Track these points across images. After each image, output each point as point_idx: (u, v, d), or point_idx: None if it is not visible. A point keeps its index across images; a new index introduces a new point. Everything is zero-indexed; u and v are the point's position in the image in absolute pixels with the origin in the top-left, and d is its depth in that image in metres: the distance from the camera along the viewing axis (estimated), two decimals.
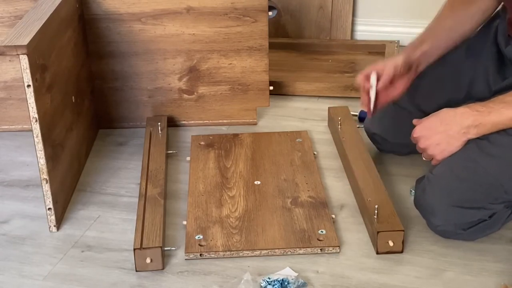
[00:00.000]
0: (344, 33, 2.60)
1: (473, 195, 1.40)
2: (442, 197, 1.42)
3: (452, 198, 1.41)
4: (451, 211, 1.41)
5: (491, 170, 1.38)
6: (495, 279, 1.37)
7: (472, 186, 1.40)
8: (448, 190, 1.42)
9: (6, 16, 1.93)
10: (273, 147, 1.86)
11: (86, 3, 1.90)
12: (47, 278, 1.42)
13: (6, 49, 1.43)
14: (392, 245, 1.43)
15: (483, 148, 1.40)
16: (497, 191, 1.39)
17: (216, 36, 1.96)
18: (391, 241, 1.42)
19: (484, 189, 1.39)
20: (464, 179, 1.40)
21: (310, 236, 1.48)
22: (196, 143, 1.89)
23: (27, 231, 1.58)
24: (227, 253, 1.45)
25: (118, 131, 2.03)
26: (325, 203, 1.59)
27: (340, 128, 1.86)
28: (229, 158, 1.81)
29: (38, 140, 1.49)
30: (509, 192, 1.39)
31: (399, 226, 1.44)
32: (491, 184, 1.39)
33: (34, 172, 1.66)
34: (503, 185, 1.38)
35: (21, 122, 2.01)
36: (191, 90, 2.02)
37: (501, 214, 1.43)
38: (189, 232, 1.51)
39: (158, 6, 1.92)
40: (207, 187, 1.68)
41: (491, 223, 1.44)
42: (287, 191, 1.65)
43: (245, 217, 1.56)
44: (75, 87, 1.81)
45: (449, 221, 1.43)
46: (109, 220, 1.61)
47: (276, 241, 1.47)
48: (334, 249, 1.45)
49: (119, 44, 1.95)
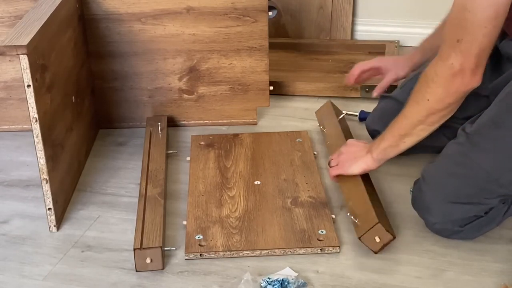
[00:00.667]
0: (344, 33, 2.60)
1: (468, 190, 1.41)
2: (437, 194, 1.43)
3: (447, 195, 1.42)
4: (447, 207, 1.42)
5: (484, 165, 1.39)
6: (495, 279, 1.37)
7: (466, 182, 1.41)
8: (442, 187, 1.43)
9: (6, 16, 1.93)
10: (273, 147, 1.86)
11: (86, 3, 1.90)
12: (47, 278, 1.42)
13: (6, 49, 1.43)
14: (378, 240, 1.41)
15: (475, 143, 1.41)
16: (492, 185, 1.40)
17: (216, 36, 1.96)
18: (377, 237, 1.41)
19: (478, 183, 1.40)
20: (457, 175, 1.42)
21: (310, 236, 1.48)
22: (196, 143, 1.89)
23: (27, 231, 1.58)
24: (227, 253, 1.45)
25: (118, 131, 2.03)
26: (325, 203, 1.59)
27: (325, 131, 1.87)
28: (229, 158, 1.81)
29: (38, 140, 1.49)
30: (503, 185, 1.39)
31: (374, 220, 1.41)
32: (485, 179, 1.39)
33: (34, 172, 1.66)
34: (497, 178, 1.39)
35: (21, 122, 2.02)
36: (191, 90, 2.02)
37: (497, 211, 1.44)
38: (189, 232, 1.51)
39: (158, 6, 1.92)
40: (207, 187, 1.68)
41: (488, 220, 1.44)
42: (287, 191, 1.65)
43: (245, 217, 1.56)
44: (75, 87, 1.81)
45: (445, 218, 1.43)
46: (109, 220, 1.61)
47: (276, 241, 1.47)
48: (334, 249, 1.45)
49: (119, 44, 1.95)
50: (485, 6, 1.27)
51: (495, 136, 1.40)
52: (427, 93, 1.39)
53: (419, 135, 1.46)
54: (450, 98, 1.38)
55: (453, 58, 1.33)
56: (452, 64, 1.33)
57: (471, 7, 1.28)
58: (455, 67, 1.33)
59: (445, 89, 1.36)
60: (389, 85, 1.90)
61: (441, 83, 1.36)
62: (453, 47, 1.32)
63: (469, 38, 1.30)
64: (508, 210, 1.45)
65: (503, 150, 1.38)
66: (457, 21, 1.31)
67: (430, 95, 1.38)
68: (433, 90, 1.37)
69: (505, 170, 1.39)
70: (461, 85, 1.35)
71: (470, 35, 1.30)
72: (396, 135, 1.48)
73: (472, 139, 1.42)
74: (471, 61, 1.32)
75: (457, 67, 1.33)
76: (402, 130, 1.47)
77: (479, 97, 1.55)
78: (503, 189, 1.40)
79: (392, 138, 1.49)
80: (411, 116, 1.44)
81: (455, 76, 1.34)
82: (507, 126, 1.39)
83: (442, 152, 1.48)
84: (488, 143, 1.40)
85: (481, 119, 1.43)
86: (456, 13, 1.31)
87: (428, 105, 1.39)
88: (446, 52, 1.34)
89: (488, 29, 1.29)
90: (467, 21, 1.29)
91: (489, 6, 1.27)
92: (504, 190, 1.40)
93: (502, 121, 1.40)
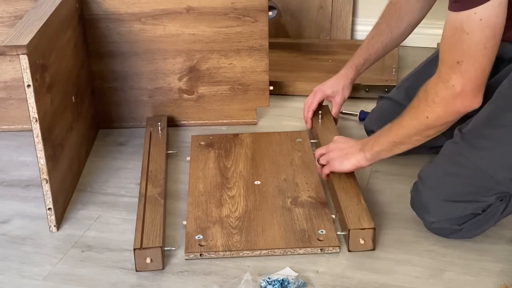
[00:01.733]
0: (344, 33, 2.60)
1: (464, 188, 1.42)
2: (433, 194, 1.44)
3: (443, 193, 1.43)
4: (443, 206, 1.43)
5: (479, 162, 1.40)
6: (495, 279, 1.37)
7: (462, 180, 1.42)
8: (439, 186, 1.44)
9: (6, 16, 1.93)
10: (273, 147, 1.86)
11: (86, 3, 1.90)
12: (47, 278, 1.42)
13: (6, 49, 1.43)
14: (363, 242, 1.44)
15: (469, 142, 1.42)
16: (488, 182, 1.40)
17: (216, 36, 1.96)
18: (361, 239, 1.44)
19: (474, 181, 1.41)
20: (454, 173, 1.43)
21: (310, 236, 1.48)
22: (196, 143, 1.89)
23: (27, 231, 1.58)
24: (227, 253, 1.45)
25: (118, 131, 2.03)
26: (325, 203, 1.59)
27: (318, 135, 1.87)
28: (229, 158, 1.81)
29: (38, 140, 1.49)
30: (499, 181, 1.40)
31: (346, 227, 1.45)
32: (480, 176, 1.40)
33: (34, 172, 1.66)
34: (493, 176, 1.39)
35: (21, 122, 2.01)
36: (191, 90, 2.02)
37: (495, 208, 1.44)
38: (189, 232, 1.51)
39: (158, 6, 1.92)
40: (207, 187, 1.68)
41: (486, 218, 1.45)
42: (287, 191, 1.65)
43: (245, 217, 1.56)
44: (75, 87, 1.81)
45: (442, 217, 1.44)
46: (109, 220, 1.61)
47: (276, 241, 1.47)
48: (334, 249, 1.45)
49: (119, 44, 1.95)
50: (483, 27, 1.25)
51: (489, 134, 1.41)
52: (427, 111, 1.38)
53: (413, 144, 1.47)
54: (449, 118, 1.38)
55: (454, 80, 1.31)
56: (453, 86, 1.32)
57: (468, 29, 1.26)
58: (456, 89, 1.32)
59: (445, 110, 1.36)
60: (340, 108, 1.91)
61: (441, 104, 1.35)
62: (453, 69, 1.31)
63: (469, 60, 1.28)
64: (506, 208, 1.46)
65: (498, 147, 1.40)
66: (454, 43, 1.29)
67: (429, 114, 1.38)
68: (433, 109, 1.37)
69: (500, 167, 1.39)
70: (461, 106, 1.34)
71: (470, 57, 1.28)
72: (391, 141, 1.49)
73: (467, 137, 1.43)
74: (472, 82, 1.30)
75: (458, 89, 1.31)
76: (398, 138, 1.47)
77: None
78: (500, 185, 1.41)
79: (387, 144, 1.50)
80: (408, 128, 1.45)
81: (456, 98, 1.33)
82: (500, 124, 1.40)
83: (439, 152, 1.49)
84: (483, 141, 1.41)
85: (476, 119, 1.45)
86: (453, 34, 1.29)
87: (427, 121, 1.40)
88: (446, 73, 1.32)
89: (488, 49, 1.27)
90: (465, 43, 1.27)
91: (488, 27, 1.25)
92: (501, 187, 1.41)
93: (495, 119, 1.41)
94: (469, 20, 1.25)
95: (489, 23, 1.25)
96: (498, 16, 1.25)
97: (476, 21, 1.25)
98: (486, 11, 1.24)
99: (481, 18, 1.24)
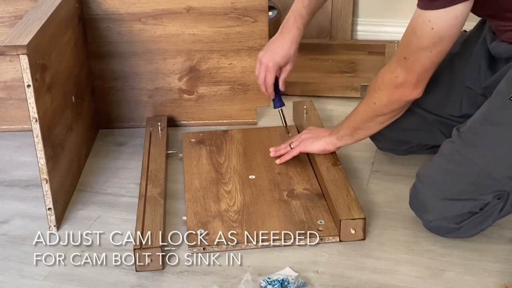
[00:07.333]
0: (344, 33, 2.59)
1: (462, 186, 1.42)
2: (431, 192, 1.45)
3: (441, 192, 1.44)
4: (441, 204, 1.44)
5: (476, 160, 1.40)
6: (495, 279, 1.37)
7: (460, 178, 1.43)
8: (436, 185, 1.45)
9: (6, 16, 1.93)
10: (264, 142, 1.87)
11: (86, 3, 1.90)
12: (47, 278, 1.42)
13: (6, 49, 1.43)
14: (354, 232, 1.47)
15: (467, 140, 1.43)
16: (485, 180, 1.41)
17: (216, 36, 1.96)
18: (352, 229, 1.47)
19: (472, 179, 1.42)
20: (451, 172, 1.44)
21: (310, 226, 1.50)
22: (187, 140, 1.90)
23: (27, 231, 1.58)
24: (230, 246, 1.45)
25: (118, 131, 2.03)
26: (320, 194, 1.61)
27: None
28: (221, 154, 1.82)
29: (38, 140, 1.49)
30: (497, 179, 1.40)
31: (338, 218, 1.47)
32: (478, 174, 1.41)
33: (34, 172, 1.66)
34: (491, 173, 1.40)
35: (21, 122, 2.02)
36: (191, 90, 2.02)
37: (492, 207, 1.44)
38: (190, 227, 1.51)
39: (158, 6, 1.92)
40: (203, 182, 1.69)
41: (484, 216, 1.45)
42: (282, 184, 1.66)
43: (244, 211, 1.57)
44: (75, 87, 1.81)
45: (440, 215, 1.44)
46: (109, 220, 1.61)
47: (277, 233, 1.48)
48: (334, 238, 1.47)
49: (119, 44, 1.95)
50: (433, 35, 1.34)
51: (486, 132, 1.42)
52: (374, 98, 1.51)
53: (370, 129, 1.60)
54: (393, 105, 1.51)
55: (398, 72, 1.44)
56: (396, 77, 1.44)
57: (419, 33, 1.36)
58: (399, 80, 1.44)
59: (389, 97, 1.49)
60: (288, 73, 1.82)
61: (386, 91, 1.48)
62: (399, 62, 1.43)
63: (414, 58, 1.40)
64: (504, 207, 1.46)
65: (495, 145, 1.40)
66: (406, 41, 1.40)
67: (376, 100, 1.51)
68: (379, 96, 1.50)
69: (498, 165, 1.40)
70: (402, 95, 1.47)
71: (415, 56, 1.40)
72: (351, 126, 1.61)
73: (464, 136, 1.44)
74: (413, 77, 1.43)
75: (401, 80, 1.44)
76: (355, 124, 1.60)
77: (476, 96, 1.57)
78: (497, 183, 1.41)
79: (348, 128, 1.62)
80: (362, 114, 1.58)
81: (397, 87, 1.45)
82: (498, 122, 1.40)
83: (438, 152, 1.49)
84: (480, 139, 1.42)
85: (473, 118, 1.46)
86: (409, 33, 1.39)
87: (375, 107, 1.53)
88: (393, 65, 1.46)
89: (432, 53, 1.37)
90: (414, 44, 1.38)
91: (438, 36, 1.34)
92: (498, 185, 1.41)
93: (492, 117, 1.42)
94: (423, 26, 1.34)
95: (440, 33, 1.34)
96: (451, 30, 1.34)
97: (428, 29, 1.34)
98: (440, 21, 1.32)
99: (432, 27, 1.33)
